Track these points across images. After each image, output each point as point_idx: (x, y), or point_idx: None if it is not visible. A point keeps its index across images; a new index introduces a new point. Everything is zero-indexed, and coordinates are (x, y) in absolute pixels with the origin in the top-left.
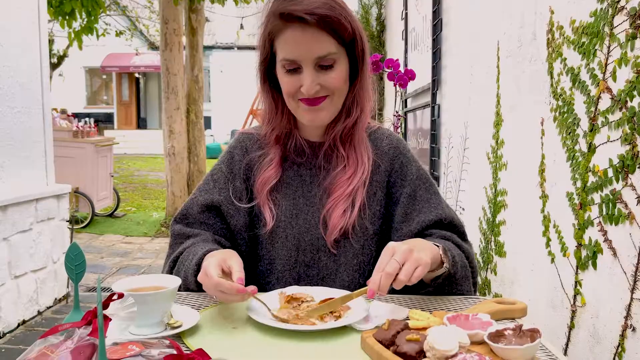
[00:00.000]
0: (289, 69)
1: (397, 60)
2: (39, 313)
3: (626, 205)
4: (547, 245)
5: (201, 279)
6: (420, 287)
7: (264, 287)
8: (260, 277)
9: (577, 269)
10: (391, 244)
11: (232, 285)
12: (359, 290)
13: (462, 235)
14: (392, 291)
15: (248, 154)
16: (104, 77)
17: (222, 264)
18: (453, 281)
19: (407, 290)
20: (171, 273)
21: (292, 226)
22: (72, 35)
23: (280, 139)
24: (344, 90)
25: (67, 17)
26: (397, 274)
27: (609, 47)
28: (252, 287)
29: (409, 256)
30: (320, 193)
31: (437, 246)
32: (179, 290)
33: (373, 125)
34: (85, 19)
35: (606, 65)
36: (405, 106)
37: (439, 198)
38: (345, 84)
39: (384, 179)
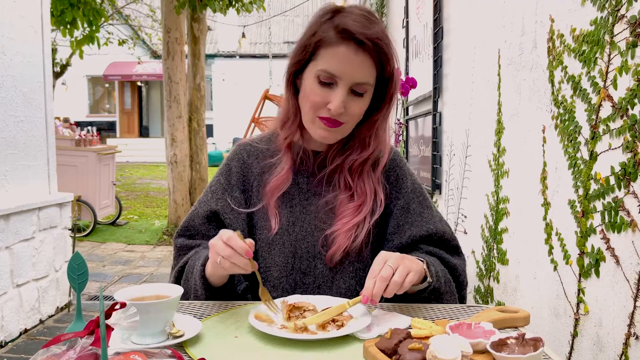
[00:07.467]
0: (323, 81)
1: (399, 68)
2: (41, 322)
3: (628, 213)
4: (550, 253)
5: (212, 241)
6: (408, 300)
7: (258, 295)
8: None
9: (579, 276)
10: (382, 253)
11: (242, 244)
12: (353, 300)
13: (454, 249)
14: (393, 299)
15: (245, 165)
16: (107, 85)
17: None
18: (438, 295)
19: (401, 298)
20: (177, 282)
21: (289, 233)
22: (74, 44)
23: (291, 147)
24: (359, 120)
25: (68, 27)
26: (391, 278)
27: (609, 55)
28: (254, 262)
29: (401, 262)
30: (317, 202)
31: (422, 260)
32: (187, 299)
33: None
34: (87, 29)
35: (607, 73)
36: (407, 114)
37: (432, 212)
38: (362, 115)
39: None
